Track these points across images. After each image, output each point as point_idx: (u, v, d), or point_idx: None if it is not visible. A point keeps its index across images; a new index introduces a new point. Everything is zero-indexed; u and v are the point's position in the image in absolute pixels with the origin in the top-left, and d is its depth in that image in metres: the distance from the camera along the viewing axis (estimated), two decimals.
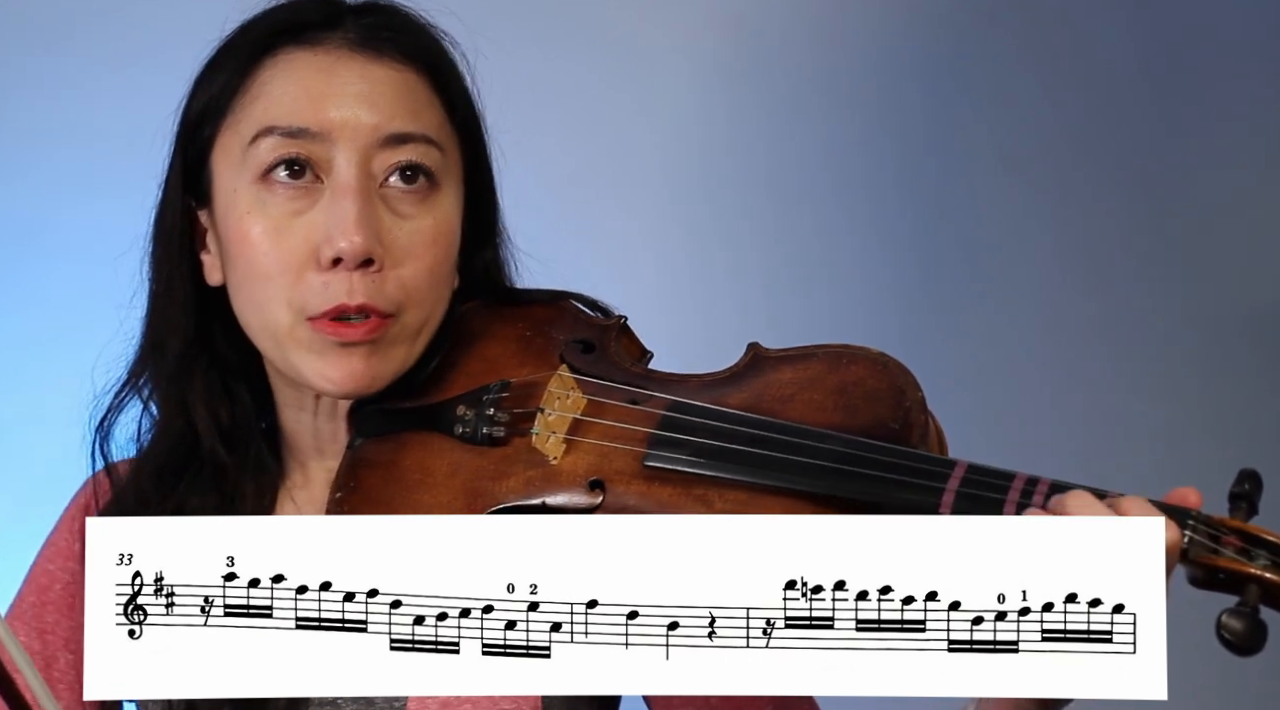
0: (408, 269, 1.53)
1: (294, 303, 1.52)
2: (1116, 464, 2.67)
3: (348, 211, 1.50)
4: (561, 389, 1.50)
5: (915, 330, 2.71)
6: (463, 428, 1.52)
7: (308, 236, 1.52)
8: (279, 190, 1.53)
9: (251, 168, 1.53)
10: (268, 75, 1.56)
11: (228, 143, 1.56)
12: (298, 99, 1.54)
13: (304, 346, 1.52)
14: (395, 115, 1.54)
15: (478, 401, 1.52)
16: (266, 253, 1.52)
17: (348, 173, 1.52)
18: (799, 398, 1.46)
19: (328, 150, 1.52)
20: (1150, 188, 2.76)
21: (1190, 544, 1.28)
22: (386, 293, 1.52)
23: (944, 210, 2.76)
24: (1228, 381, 2.75)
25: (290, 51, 1.56)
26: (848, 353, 1.47)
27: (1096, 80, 2.76)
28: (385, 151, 1.53)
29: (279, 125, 1.53)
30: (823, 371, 1.47)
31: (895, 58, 2.75)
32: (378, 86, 1.55)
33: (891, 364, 1.46)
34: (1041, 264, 2.76)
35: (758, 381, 1.49)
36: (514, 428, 1.50)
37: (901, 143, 2.76)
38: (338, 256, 1.50)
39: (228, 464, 1.57)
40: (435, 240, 1.55)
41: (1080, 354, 2.76)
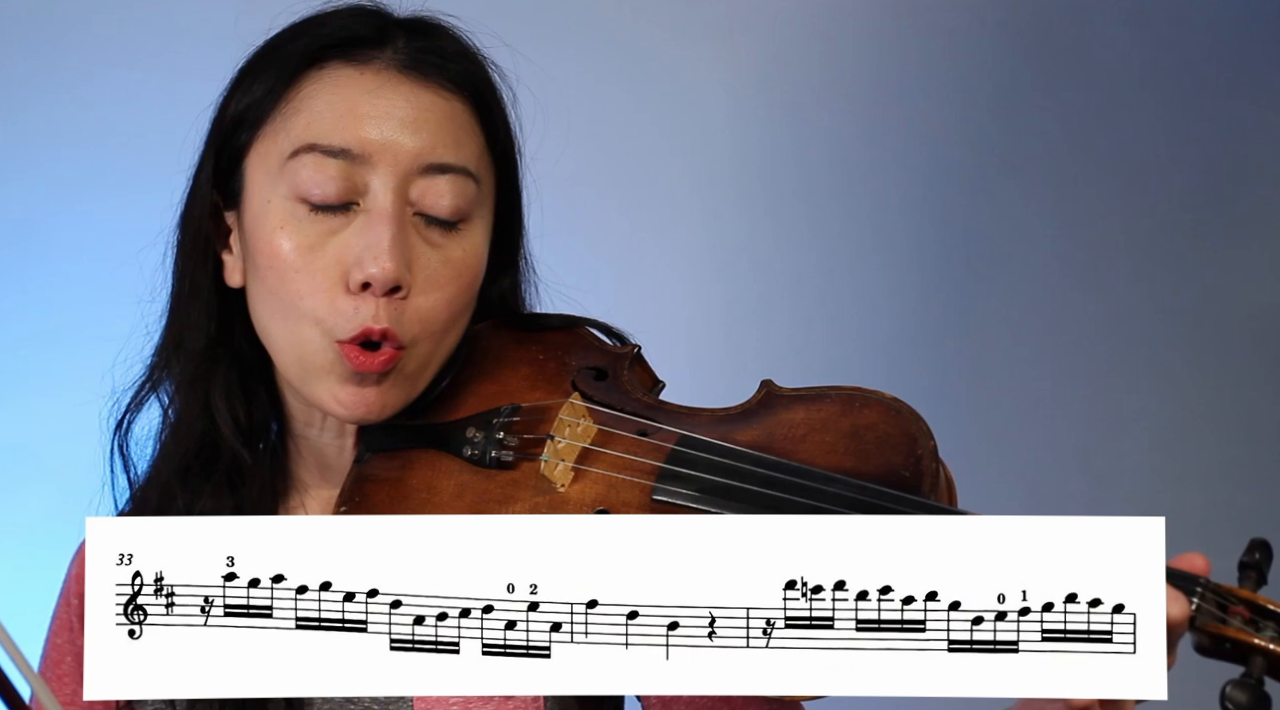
0: (429, 300, 1.52)
1: (325, 324, 1.51)
2: (1116, 464, 2.67)
3: (381, 237, 1.49)
4: (573, 417, 1.50)
5: (915, 330, 2.71)
6: (471, 450, 1.51)
7: (339, 258, 1.51)
8: (314, 210, 1.52)
9: (288, 183, 1.52)
10: (312, 89, 1.54)
11: (265, 151, 1.55)
12: (342, 118, 1.52)
13: (325, 369, 1.52)
14: (437, 144, 1.53)
15: (487, 424, 1.52)
16: (299, 271, 1.51)
17: (384, 198, 1.51)
18: (811, 439, 1.45)
19: (366, 173, 1.51)
20: (1150, 188, 2.76)
21: (1198, 612, 1.27)
22: (405, 320, 1.51)
23: (944, 210, 2.76)
24: (1228, 381, 2.75)
25: (337, 67, 1.55)
26: (860, 396, 1.46)
27: (1097, 82, 2.76)
28: (424, 180, 1.52)
29: (320, 143, 1.52)
30: (835, 414, 1.46)
31: (898, 60, 2.76)
32: (422, 113, 1.54)
33: (905, 410, 1.45)
34: (1041, 264, 2.76)
35: (770, 419, 1.48)
36: (523, 452, 1.50)
37: (902, 143, 2.76)
38: (367, 281, 1.49)
39: (247, 463, 1.57)
40: (461, 272, 1.54)
41: (1080, 354, 2.76)
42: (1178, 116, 2.76)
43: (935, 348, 2.71)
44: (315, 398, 1.54)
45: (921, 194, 2.76)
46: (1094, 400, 2.74)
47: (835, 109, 2.76)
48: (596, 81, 2.70)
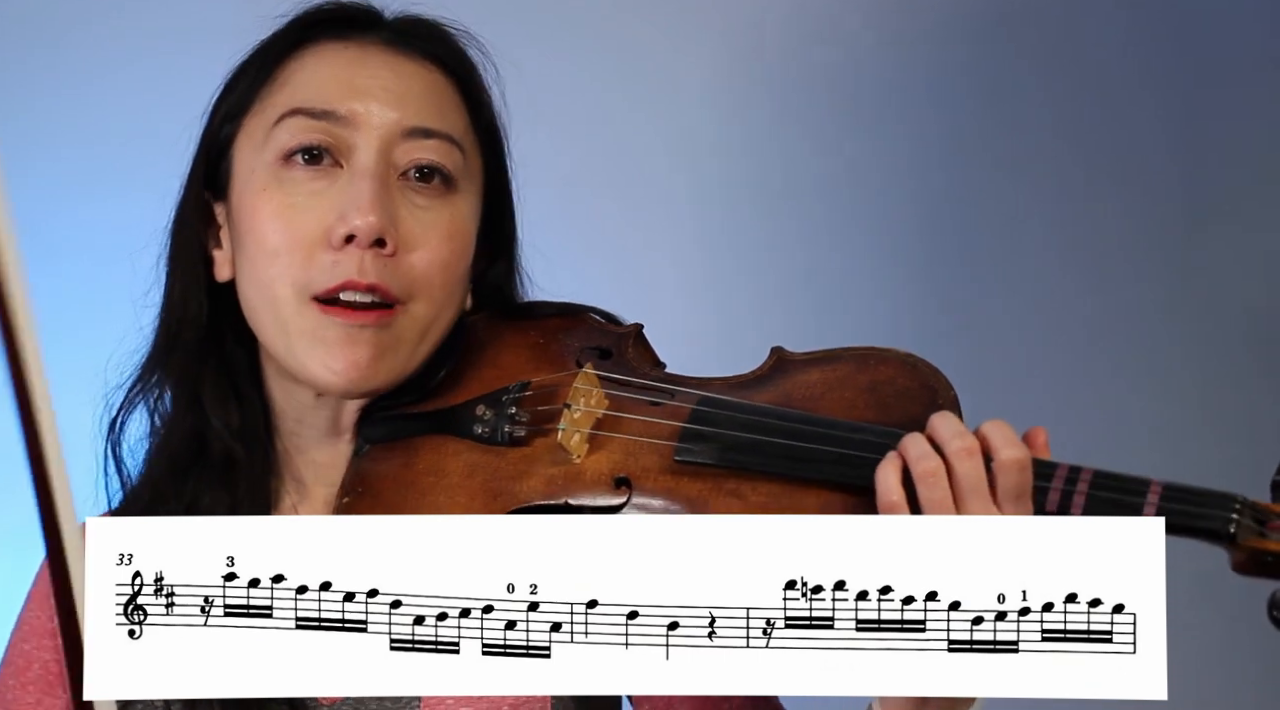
0: (420, 256, 1.52)
1: (299, 280, 1.50)
2: (1116, 464, 2.66)
3: (363, 191, 1.50)
4: (586, 386, 1.48)
5: (915, 329, 2.71)
6: (482, 428, 1.49)
7: (321, 216, 1.51)
8: (297, 172, 1.52)
9: (273, 148, 1.53)
10: (297, 65, 1.56)
11: (252, 128, 1.56)
12: (325, 83, 1.54)
13: (308, 334, 1.50)
14: (420, 110, 1.54)
15: (497, 402, 1.50)
16: (277, 230, 1.51)
17: (367, 157, 1.51)
18: (829, 396, 1.44)
19: (350, 136, 1.52)
20: (1150, 188, 2.76)
21: (1238, 529, 1.29)
22: (398, 276, 1.50)
23: (945, 210, 2.76)
24: (1228, 381, 2.75)
25: (323, 44, 1.57)
26: (875, 353, 1.46)
27: (1097, 81, 2.76)
28: (407, 143, 1.53)
29: (304, 107, 1.53)
30: (851, 371, 1.45)
31: (898, 59, 2.75)
32: (406, 81, 1.55)
33: (921, 364, 1.45)
34: (1041, 264, 2.76)
35: (785, 382, 1.47)
36: (535, 427, 1.48)
37: (902, 142, 2.76)
38: (350, 234, 1.49)
39: (240, 462, 1.56)
40: (450, 235, 1.54)
41: (1080, 354, 2.76)
42: (1178, 117, 2.76)
43: (934, 348, 2.70)
44: (305, 368, 1.51)
45: (919, 193, 2.76)
46: (1094, 400, 2.74)
47: (836, 108, 2.76)
48: (590, 80, 2.70)
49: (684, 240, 2.73)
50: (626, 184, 2.69)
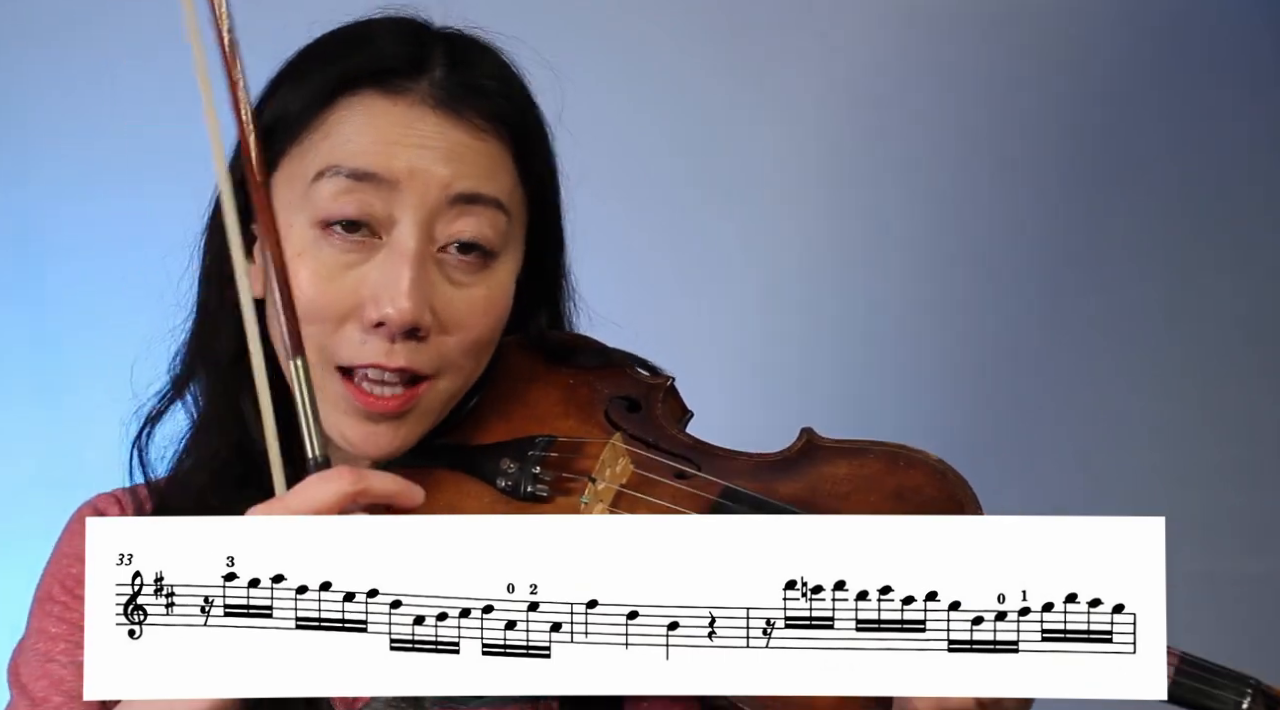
0: (454, 338, 1.50)
1: (325, 348, 1.48)
2: (1116, 464, 2.67)
3: (402, 276, 1.46)
4: (612, 457, 1.49)
5: (915, 329, 2.71)
6: (506, 482, 1.50)
7: (356, 290, 1.47)
8: (335, 240, 1.48)
9: (311, 209, 1.48)
10: (342, 115, 1.50)
11: (291, 172, 1.50)
12: (369, 143, 1.48)
13: (329, 398, 1.48)
14: (467, 174, 1.49)
15: (523, 456, 1.50)
16: (311, 300, 1.47)
17: (408, 234, 1.47)
18: (854, 497, 1.44)
19: (391, 202, 1.47)
20: (1150, 188, 2.76)
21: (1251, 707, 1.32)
22: (429, 356, 1.48)
23: (944, 210, 2.76)
24: (1228, 381, 2.75)
25: (370, 96, 1.50)
26: (904, 455, 1.46)
27: (1097, 81, 2.76)
28: (451, 213, 1.48)
29: (345, 165, 1.47)
30: (880, 472, 1.45)
31: (898, 59, 2.75)
32: (455, 148, 1.49)
33: (950, 473, 1.44)
34: (1041, 264, 2.76)
35: (811, 472, 1.47)
36: (557, 488, 1.49)
37: (902, 142, 2.76)
38: (381, 321, 1.46)
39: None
40: (487, 311, 1.51)
41: (1080, 354, 2.76)
42: (1179, 117, 2.76)
43: (934, 348, 2.71)
44: (324, 424, 1.47)
45: (919, 193, 2.76)
46: (1094, 400, 2.74)
47: (835, 109, 2.76)
48: (596, 81, 2.70)
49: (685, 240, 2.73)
50: (631, 185, 2.69)
